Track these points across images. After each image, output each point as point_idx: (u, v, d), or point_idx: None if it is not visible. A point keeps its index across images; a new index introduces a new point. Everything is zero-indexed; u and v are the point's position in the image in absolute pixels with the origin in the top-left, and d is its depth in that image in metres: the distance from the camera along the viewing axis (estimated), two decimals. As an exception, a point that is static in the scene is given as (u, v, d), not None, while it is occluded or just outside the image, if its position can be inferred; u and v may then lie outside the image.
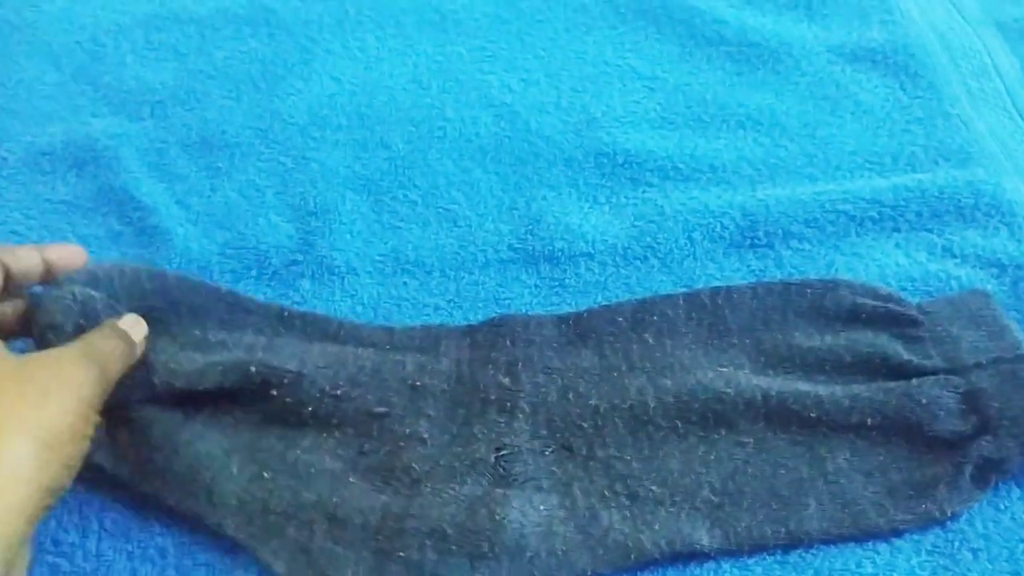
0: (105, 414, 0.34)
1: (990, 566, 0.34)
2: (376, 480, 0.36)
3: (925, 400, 0.36)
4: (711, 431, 0.37)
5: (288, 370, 0.36)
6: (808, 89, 0.52)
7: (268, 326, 0.39)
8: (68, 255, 0.36)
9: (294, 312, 0.40)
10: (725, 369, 0.38)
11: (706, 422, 0.37)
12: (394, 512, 0.34)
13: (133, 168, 0.47)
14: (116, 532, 0.35)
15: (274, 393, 0.36)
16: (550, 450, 0.37)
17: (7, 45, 0.55)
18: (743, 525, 0.35)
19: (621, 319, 0.40)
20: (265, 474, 0.35)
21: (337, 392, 0.37)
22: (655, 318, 0.40)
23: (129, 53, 0.54)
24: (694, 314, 0.40)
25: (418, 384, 0.38)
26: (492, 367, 0.39)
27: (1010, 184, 0.46)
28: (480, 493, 0.35)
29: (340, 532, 0.34)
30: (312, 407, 0.37)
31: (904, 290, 0.42)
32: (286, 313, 0.40)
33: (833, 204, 0.45)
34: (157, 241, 0.44)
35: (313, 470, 0.36)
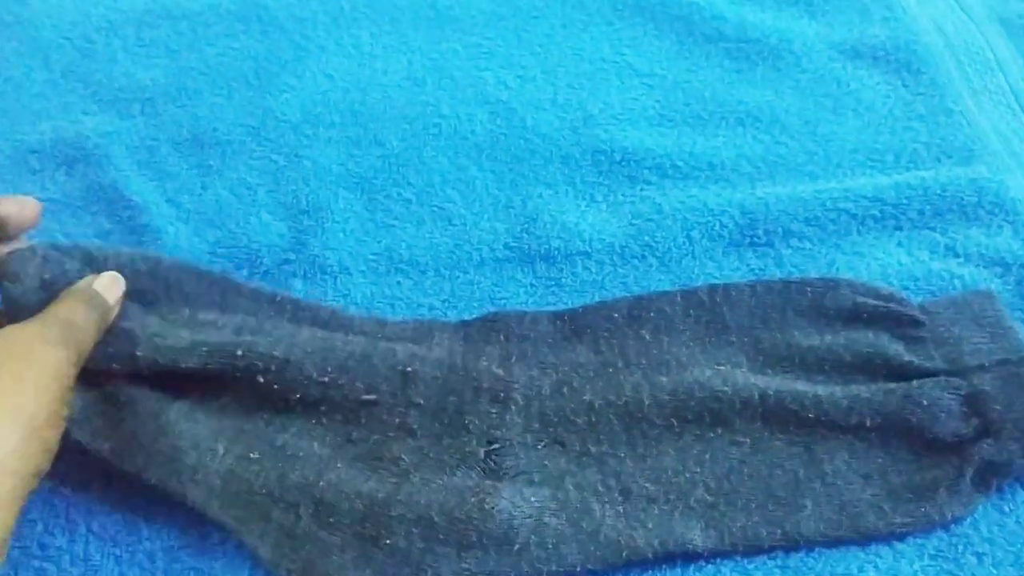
0: (85, 390, 0.34)
1: (995, 570, 0.34)
2: (364, 467, 0.35)
3: (926, 402, 0.35)
4: (707, 430, 0.36)
5: (275, 356, 0.36)
6: (809, 86, 0.51)
7: (259, 310, 0.39)
8: (21, 208, 0.35)
9: (286, 297, 0.40)
10: (722, 367, 0.38)
11: (702, 420, 0.36)
12: (381, 498, 0.34)
13: (123, 166, 0.47)
14: (104, 536, 0.35)
15: (260, 379, 0.36)
16: (542, 444, 0.36)
17: (-3, 42, 0.54)
18: (738, 525, 0.34)
19: (617, 315, 0.40)
20: (251, 455, 0.35)
21: (325, 379, 0.36)
22: (652, 315, 0.40)
23: (120, 50, 0.54)
24: (692, 311, 0.40)
25: (409, 370, 0.37)
26: (485, 359, 0.39)
27: (1014, 181, 0.46)
28: (470, 484, 0.35)
29: (326, 517, 0.34)
30: (299, 393, 0.36)
31: (906, 289, 0.41)
32: (278, 297, 0.40)
33: (834, 202, 0.45)
34: (147, 240, 0.44)
35: (301, 453, 0.35)
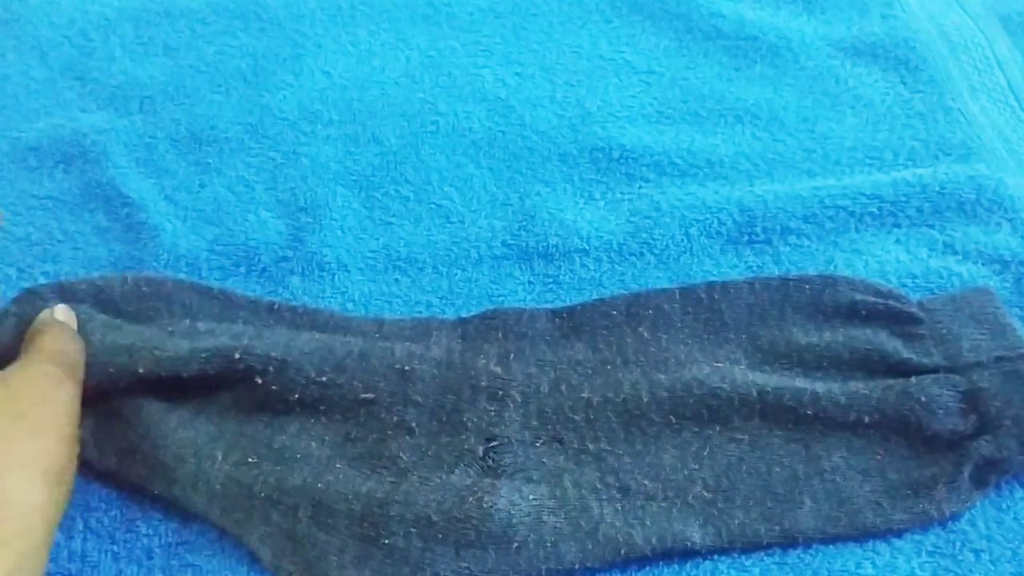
0: (89, 410, 0.34)
1: (992, 567, 0.34)
2: (362, 467, 0.35)
3: (924, 398, 0.35)
4: (705, 427, 0.36)
5: (273, 357, 0.36)
6: (807, 83, 0.51)
7: (257, 319, 0.39)
8: None
9: (284, 305, 0.40)
10: (721, 364, 0.38)
11: (700, 418, 0.36)
12: (379, 498, 0.34)
13: (121, 164, 0.47)
14: (101, 532, 0.35)
15: (259, 381, 0.36)
16: (541, 442, 0.36)
17: (-6, 39, 0.54)
18: (736, 522, 0.34)
19: (615, 313, 0.40)
20: (250, 459, 0.35)
21: (323, 379, 0.37)
22: (650, 312, 0.40)
23: (118, 48, 0.53)
24: (690, 309, 0.40)
25: (407, 369, 0.37)
26: (483, 357, 0.38)
27: (1012, 179, 0.46)
28: (468, 482, 0.35)
29: (325, 518, 0.34)
30: (298, 394, 0.36)
31: (905, 287, 0.41)
32: (276, 306, 0.40)
33: (832, 200, 0.45)
34: (145, 237, 0.44)
35: (299, 455, 0.35)
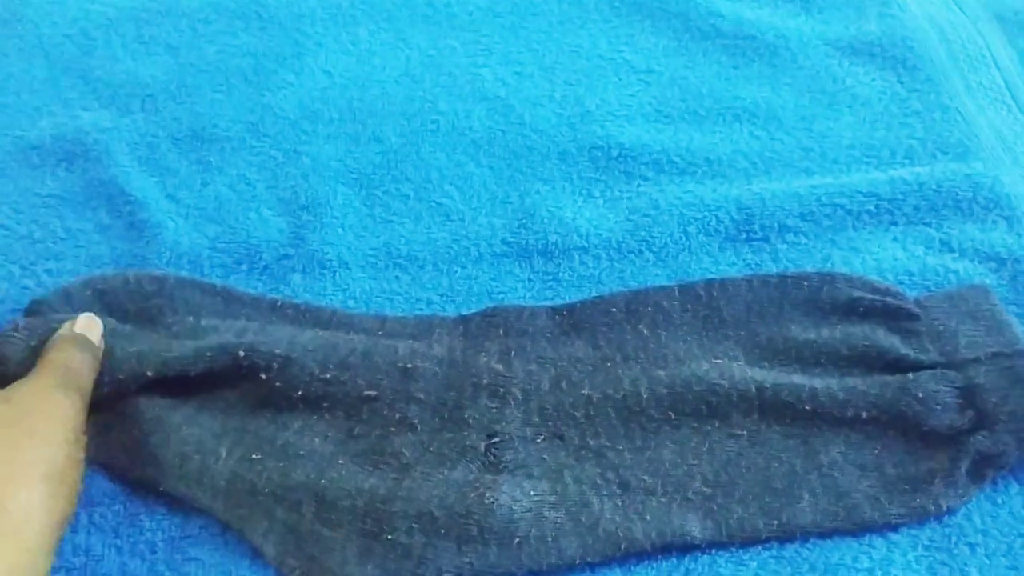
0: (97, 412, 0.34)
1: (987, 561, 0.34)
2: (365, 463, 0.36)
3: (922, 394, 0.36)
4: (704, 423, 0.37)
5: (277, 354, 0.36)
6: (805, 82, 0.52)
7: (261, 316, 0.40)
8: None
9: (286, 302, 0.40)
10: (720, 361, 0.38)
11: (699, 414, 0.37)
12: (382, 494, 0.34)
13: (123, 162, 0.47)
14: (105, 527, 0.35)
15: (263, 377, 0.36)
16: (541, 438, 0.37)
17: (-3, 38, 0.54)
18: (735, 517, 0.34)
19: (615, 310, 0.40)
20: (254, 455, 0.35)
21: (327, 376, 0.37)
22: (650, 309, 0.40)
23: (120, 47, 0.54)
24: (689, 305, 0.40)
25: (409, 367, 0.38)
26: (485, 355, 0.39)
27: (1008, 177, 0.46)
28: (470, 478, 0.35)
29: (328, 514, 0.34)
30: (301, 391, 0.37)
31: (902, 284, 0.42)
32: (279, 303, 0.40)
33: (830, 198, 0.45)
34: (147, 235, 0.44)
35: (302, 452, 0.36)
